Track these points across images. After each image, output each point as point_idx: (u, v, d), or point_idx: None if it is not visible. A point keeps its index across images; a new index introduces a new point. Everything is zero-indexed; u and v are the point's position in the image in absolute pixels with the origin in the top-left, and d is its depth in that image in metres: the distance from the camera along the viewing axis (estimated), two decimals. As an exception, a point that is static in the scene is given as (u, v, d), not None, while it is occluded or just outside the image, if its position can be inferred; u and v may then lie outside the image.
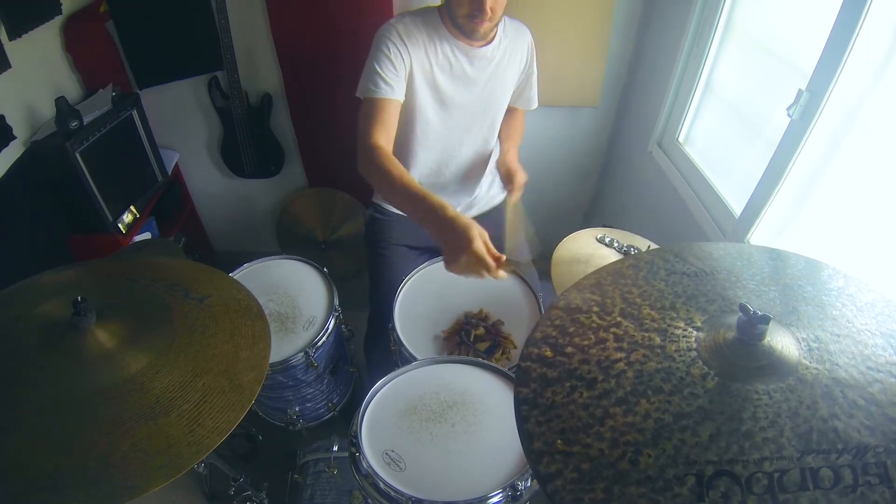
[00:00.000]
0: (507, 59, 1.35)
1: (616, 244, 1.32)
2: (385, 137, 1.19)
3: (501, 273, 0.90)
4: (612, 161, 2.13)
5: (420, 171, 1.44)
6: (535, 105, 1.55)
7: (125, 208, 1.68)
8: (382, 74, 1.21)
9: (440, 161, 1.44)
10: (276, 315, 1.31)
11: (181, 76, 1.84)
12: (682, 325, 0.65)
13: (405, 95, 1.26)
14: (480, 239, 0.89)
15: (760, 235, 1.22)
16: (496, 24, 1.27)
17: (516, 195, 1.41)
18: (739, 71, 1.40)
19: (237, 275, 1.40)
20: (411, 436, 0.97)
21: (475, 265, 0.89)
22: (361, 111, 1.24)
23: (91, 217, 1.58)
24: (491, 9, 1.16)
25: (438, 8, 1.29)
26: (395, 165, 1.11)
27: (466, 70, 1.31)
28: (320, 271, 1.41)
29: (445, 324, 1.22)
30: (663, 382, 0.59)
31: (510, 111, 1.51)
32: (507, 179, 1.43)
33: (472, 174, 1.51)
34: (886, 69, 0.92)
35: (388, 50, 1.21)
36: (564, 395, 0.60)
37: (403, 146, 1.38)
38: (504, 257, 0.91)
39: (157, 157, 1.84)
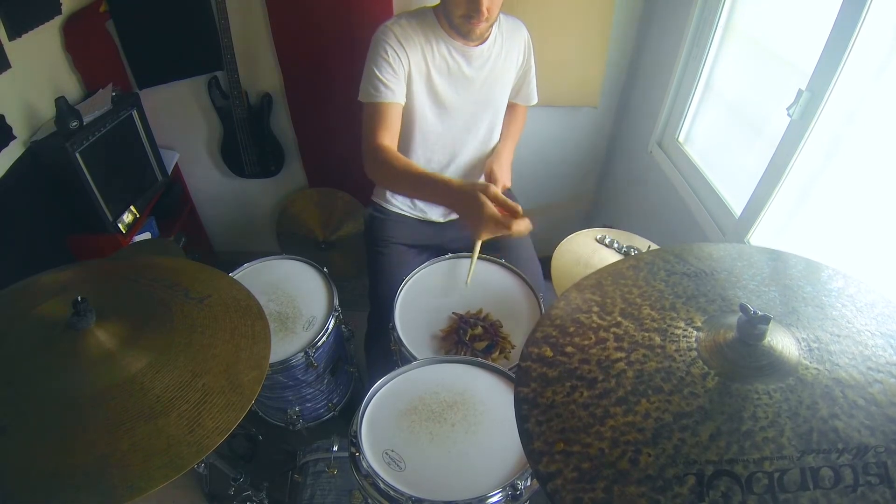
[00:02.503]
0: (503, 56, 1.35)
1: (616, 244, 1.32)
2: (389, 139, 1.22)
3: (521, 228, 0.95)
4: (612, 161, 2.13)
5: None
6: (534, 100, 1.54)
7: (125, 208, 1.68)
8: (382, 78, 1.21)
9: (441, 162, 1.44)
10: (276, 315, 1.31)
11: (181, 76, 1.83)
12: (682, 325, 0.65)
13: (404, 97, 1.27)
14: (490, 199, 0.95)
15: (760, 235, 1.22)
16: (492, 24, 1.27)
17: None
18: (739, 71, 1.39)
19: (237, 275, 1.40)
20: (411, 435, 0.97)
21: (494, 226, 0.95)
22: (364, 115, 1.24)
23: (91, 217, 1.58)
24: (487, 9, 1.16)
25: (434, 8, 1.28)
26: (399, 159, 1.16)
27: (464, 70, 1.31)
28: (320, 271, 1.41)
29: (446, 323, 1.22)
30: (663, 382, 0.59)
31: (510, 107, 1.51)
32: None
33: (473, 175, 1.51)
34: (886, 69, 0.92)
35: (387, 53, 1.22)
36: (565, 395, 0.60)
37: (404, 148, 1.38)
38: (520, 209, 0.97)
39: (157, 157, 1.84)
